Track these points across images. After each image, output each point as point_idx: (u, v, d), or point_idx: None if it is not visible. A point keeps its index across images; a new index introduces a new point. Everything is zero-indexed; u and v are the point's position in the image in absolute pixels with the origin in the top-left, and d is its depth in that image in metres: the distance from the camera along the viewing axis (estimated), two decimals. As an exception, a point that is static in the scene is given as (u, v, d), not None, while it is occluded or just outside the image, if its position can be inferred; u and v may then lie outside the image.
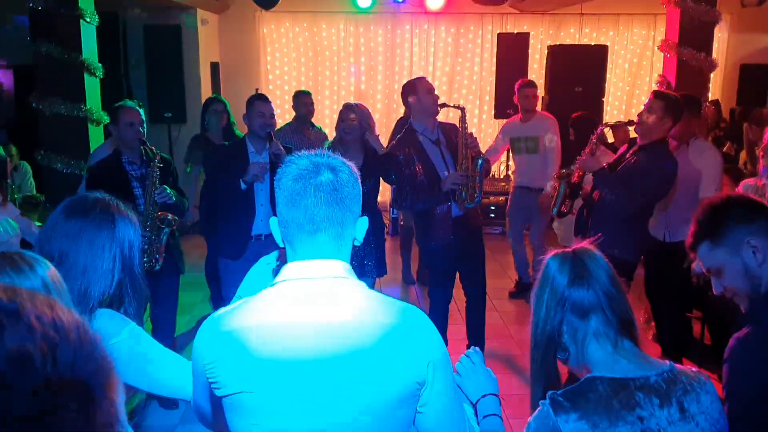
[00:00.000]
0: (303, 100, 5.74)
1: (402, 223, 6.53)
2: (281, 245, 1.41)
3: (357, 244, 1.44)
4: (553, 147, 5.31)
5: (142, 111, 3.65)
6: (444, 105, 3.99)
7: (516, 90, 5.45)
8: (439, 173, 3.86)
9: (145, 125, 3.63)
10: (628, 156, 3.73)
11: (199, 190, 4.79)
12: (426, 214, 3.94)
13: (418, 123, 3.93)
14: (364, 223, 1.43)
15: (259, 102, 3.89)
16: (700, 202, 2.05)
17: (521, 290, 5.69)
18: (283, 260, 1.44)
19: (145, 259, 3.44)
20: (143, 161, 3.60)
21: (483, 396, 1.58)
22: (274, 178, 1.40)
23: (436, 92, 3.94)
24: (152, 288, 3.74)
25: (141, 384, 1.68)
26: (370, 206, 4.11)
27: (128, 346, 1.63)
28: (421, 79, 3.97)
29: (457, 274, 4.13)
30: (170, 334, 3.84)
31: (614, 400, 1.34)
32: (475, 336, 4.14)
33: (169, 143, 7.31)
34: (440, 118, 4.05)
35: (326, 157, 1.37)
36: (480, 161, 3.81)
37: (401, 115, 9.07)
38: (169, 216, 3.47)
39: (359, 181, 1.42)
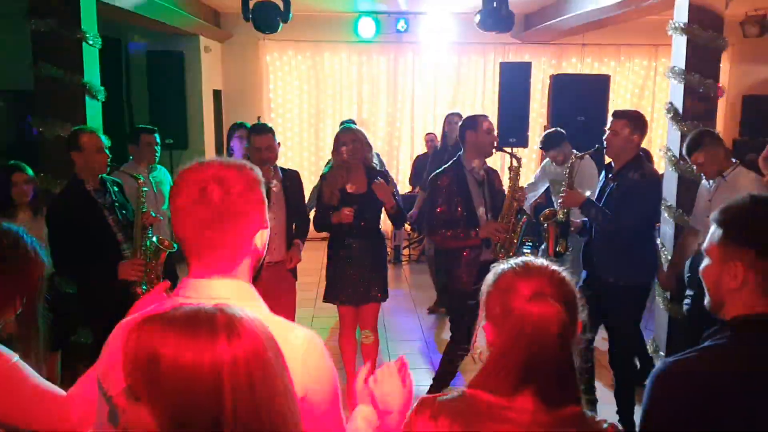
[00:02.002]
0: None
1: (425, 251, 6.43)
2: None
3: None
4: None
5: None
6: (501, 149, 3.92)
7: None
8: (478, 215, 3.76)
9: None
10: (609, 181, 3.69)
11: None
12: (452, 253, 3.81)
13: (468, 160, 3.79)
14: None
15: (254, 135, 3.88)
16: None
17: None
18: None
19: (144, 285, 3.37)
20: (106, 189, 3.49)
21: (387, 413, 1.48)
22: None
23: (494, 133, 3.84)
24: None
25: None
26: (372, 231, 4.04)
27: None
28: (484, 117, 3.85)
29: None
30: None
31: None
32: None
33: (170, 169, 7.25)
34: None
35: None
36: (523, 216, 3.74)
37: (403, 143, 9.10)
38: (155, 237, 3.38)
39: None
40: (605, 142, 3.68)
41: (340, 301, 4.04)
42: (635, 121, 3.59)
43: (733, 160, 3.83)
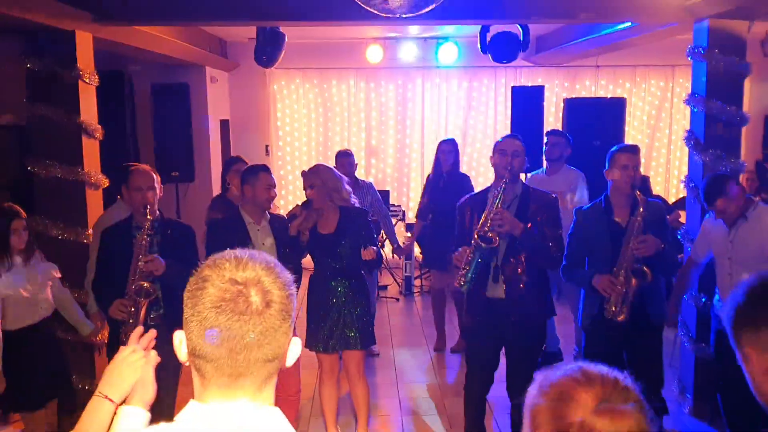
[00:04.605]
0: (341, 161, 5.61)
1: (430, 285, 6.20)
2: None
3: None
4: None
5: None
6: (504, 176, 3.42)
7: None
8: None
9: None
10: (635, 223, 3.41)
11: None
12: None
13: (494, 183, 3.53)
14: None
15: (264, 174, 3.74)
16: None
17: (545, 358, 5.29)
18: None
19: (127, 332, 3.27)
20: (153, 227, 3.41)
21: None
22: None
23: (514, 158, 3.44)
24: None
25: None
26: (352, 270, 3.82)
27: None
28: (499, 140, 3.60)
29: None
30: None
31: None
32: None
33: (176, 203, 7.12)
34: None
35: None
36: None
37: (413, 170, 8.92)
38: (145, 284, 3.24)
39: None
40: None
41: (317, 349, 3.85)
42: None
43: (751, 196, 3.72)
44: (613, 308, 3.38)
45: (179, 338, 1.15)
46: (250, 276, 1.09)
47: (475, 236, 3.33)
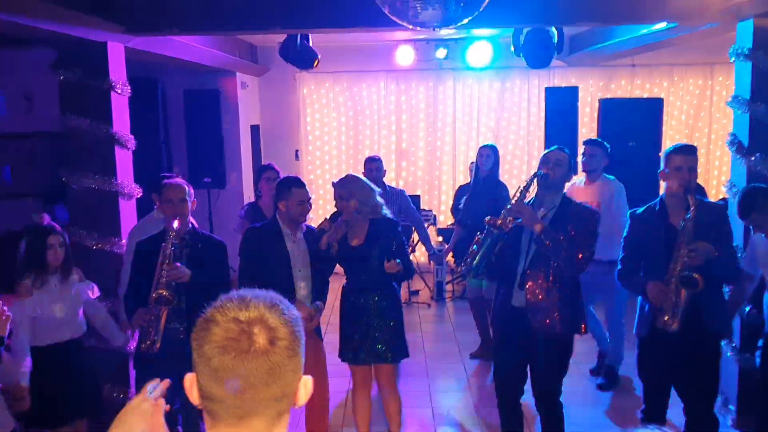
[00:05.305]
0: (369, 167, 5.58)
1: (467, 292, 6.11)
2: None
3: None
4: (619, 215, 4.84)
5: None
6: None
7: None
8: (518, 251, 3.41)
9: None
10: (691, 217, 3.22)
11: None
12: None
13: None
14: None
15: (297, 189, 3.70)
16: None
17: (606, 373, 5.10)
18: None
19: (147, 341, 3.31)
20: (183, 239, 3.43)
21: None
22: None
23: (556, 167, 3.37)
24: (175, 378, 3.48)
25: None
26: (382, 282, 3.75)
27: None
28: (549, 150, 3.51)
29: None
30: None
31: None
32: None
33: (208, 209, 7.16)
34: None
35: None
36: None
37: (444, 173, 8.81)
38: (165, 293, 3.23)
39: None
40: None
41: (348, 360, 3.83)
42: None
43: None
44: (665, 318, 3.23)
45: (190, 380, 1.14)
46: (254, 315, 1.08)
47: (488, 219, 3.27)
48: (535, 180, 3.37)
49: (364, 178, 3.90)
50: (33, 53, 5.86)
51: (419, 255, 8.16)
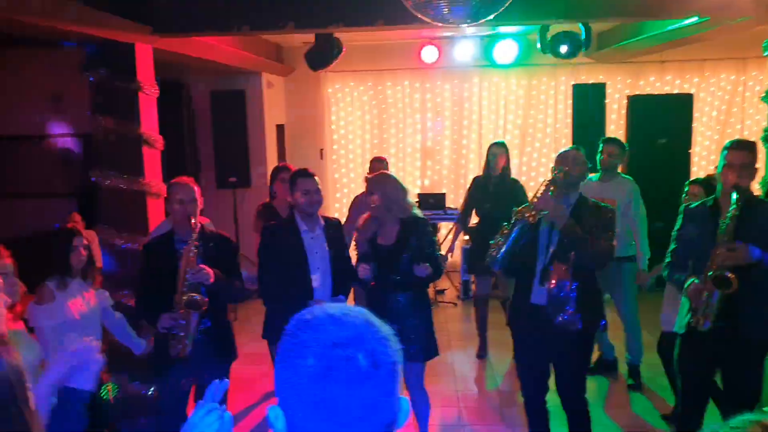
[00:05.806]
0: (374, 166, 5.57)
1: (474, 290, 6.09)
2: None
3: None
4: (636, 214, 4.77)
5: None
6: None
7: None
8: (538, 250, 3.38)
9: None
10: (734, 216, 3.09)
11: None
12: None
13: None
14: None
15: (301, 179, 3.65)
16: None
17: (602, 368, 5.12)
18: None
19: (178, 345, 3.30)
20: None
21: None
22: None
23: (574, 168, 3.34)
24: (199, 380, 3.50)
25: None
26: (412, 281, 3.71)
27: None
28: (566, 151, 3.50)
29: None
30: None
31: None
32: None
33: (234, 208, 7.21)
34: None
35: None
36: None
37: (470, 171, 8.75)
38: (196, 296, 3.23)
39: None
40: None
41: None
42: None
43: None
44: (698, 317, 3.13)
45: (275, 414, 1.03)
46: (352, 334, 0.98)
47: (519, 209, 3.23)
48: (552, 178, 3.32)
49: (397, 178, 3.87)
50: (63, 54, 5.96)
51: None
